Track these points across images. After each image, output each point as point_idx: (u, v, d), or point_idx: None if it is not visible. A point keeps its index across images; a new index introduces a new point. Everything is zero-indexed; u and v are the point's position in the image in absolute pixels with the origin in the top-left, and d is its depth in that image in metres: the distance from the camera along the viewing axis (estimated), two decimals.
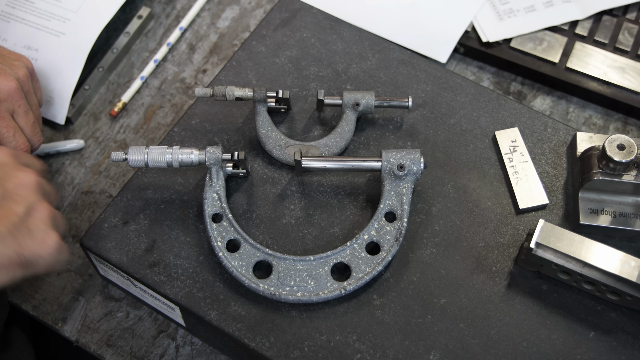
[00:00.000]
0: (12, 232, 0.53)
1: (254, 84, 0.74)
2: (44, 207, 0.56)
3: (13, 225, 0.53)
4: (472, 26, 0.87)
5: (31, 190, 0.56)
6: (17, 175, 0.56)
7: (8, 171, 0.56)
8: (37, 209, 0.55)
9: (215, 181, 0.65)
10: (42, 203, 0.56)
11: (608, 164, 0.62)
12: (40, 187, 0.57)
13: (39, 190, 0.57)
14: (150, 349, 0.71)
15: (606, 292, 0.61)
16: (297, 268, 0.62)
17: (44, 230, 0.55)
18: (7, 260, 0.52)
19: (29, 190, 0.55)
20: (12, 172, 0.56)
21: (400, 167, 0.63)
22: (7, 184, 0.55)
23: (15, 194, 0.54)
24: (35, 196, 0.56)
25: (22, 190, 0.55)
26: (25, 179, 0.56)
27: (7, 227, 0.52)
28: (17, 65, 0.72)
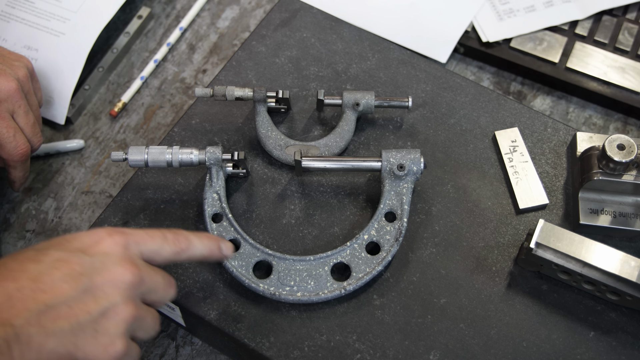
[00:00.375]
0: (75, 330, 0.47)
1: (254, 84, 0.74)
2: (125, 310, 0.49)
3: (79, 323, 0.48)
4: (472, 26, 0.87)
5: (120, 289, 0.49)
6: (114, 270, 0.50)
7: (107, 264, 0.50)
8: (116, 311, 0.49)
9: (215, 181, 0.65)
10: (126, 305, 0.49)
11: (608, 164, 0.62)
12: (137, 286, 0.50)
13: (132, 290, 0.50)
14: (150, 349, 0.71)
15: (606, 292, 0.61)
16: (297, 268, 0.62)
17: (112, 337, 0.49)
18: (57, 357, 0.47)
19: (117, 289, 0.49)
20: (111, 265, 0.50)
21: (400, 167, 0.63)
22: (97, 277, 0.49)
23: (100, 290, 0.49)
24: (120, 297, 0.49)
25: (109, 287, 0.49)
26: (120, 276, 0.50)
27: (71, 324, 0.47)
28: (17, 65, 0.72)
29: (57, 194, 0.79)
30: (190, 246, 0.55)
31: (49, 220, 0.78)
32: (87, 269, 0.49)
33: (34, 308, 0.46)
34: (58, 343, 0.47)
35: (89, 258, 0.50)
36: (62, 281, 0.48)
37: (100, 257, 0.50)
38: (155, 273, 0.53)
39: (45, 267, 0.48)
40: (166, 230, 0.55)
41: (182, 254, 0.55)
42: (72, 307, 0.48)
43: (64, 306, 0.47)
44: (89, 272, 0.49)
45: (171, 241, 0.54)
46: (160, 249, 0.54)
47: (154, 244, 0.53)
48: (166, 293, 0.54)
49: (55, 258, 0.49)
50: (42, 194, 0.79)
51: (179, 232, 0.55)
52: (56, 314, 0.47)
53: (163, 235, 0.54)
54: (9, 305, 0.46)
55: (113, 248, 0.51)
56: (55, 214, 0.78)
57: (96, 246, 0.51)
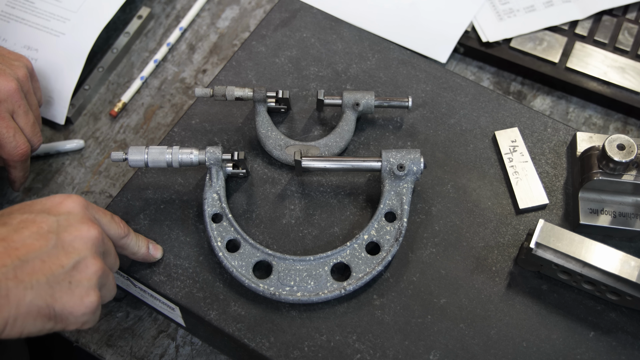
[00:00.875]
0: (51, 283, 0.50)
1: (254, 84, 0.74)
2: (94, 263, 0.53)
3: (54, 276, 0.50)
4: (472, 26, 0.87)
5: (88, 244, 0.53)
6: (79, 227, 0.53)
7: (71, 222, 0.53)
8: (86, 264, 0.52)
9: (215, 181, 0.65)
10: (95, 259, 0.53)
11: (608, 164, 0.62)
12: (100, 243, 0.54)
13: (97, 246, 0.54)
14: (150, 349, 0.71)
15: (606, 292, 0.61)
16: (297, 268, 0.62)
17: (86, 288, 0.52)
18: (36, 310, 0.49)
19: (85, 244, 0.53)
20: (76, 223, 0.53)
21: (400, 167, 0.63)
22: (65, 234, 0.52)
23: (69, 246, 0.52)
24: (89, 251, 0.53)
25: (78, 242, 0.52)
26: (86, 232, 0.53)
27: (46, 276, 0.50)
28: (17, 65, 0.72)
29: (57, 193, 0.79)
30: (127, 236, 0.60)
31: None
32: (53, 227, 0.52)
33: (10, 263, 0.49)
34: (36, 295, 0.49)
35: (54, 217, 0.53)
36: (32, 239, 0.51)
37: (64, 215, 0.53)
38: (107, 238, 0.57)
39: (13, 228, 0.51)
40: (112, 214, 0.59)
41: (122, 239, 0.59)
42: (46, 261, 0.51)
43: (38, 260, 0.50)
44: (55, 229, 0.52)
45: (117, 222, 0.59)
46: (108, 225, 0.58)
47: (105, 218, 0.58)
48: (116, 260, 0.59)
49: (21, 220, 0.52)
50: (42, 194, 0.79)
51: (122, 221, 0.60)
52: (31, 268, 0.50)
53: (111, 215, 0.59)
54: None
55: (75, 208, 0.54)
56: None
57: (59, 206, 0.54)
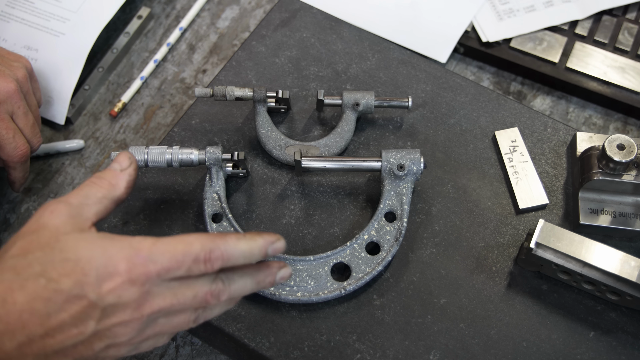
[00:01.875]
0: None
1: (254, 84, 0.74)
2: (127, 344, 0.49)
3: (82, 358, 0.48)
4: (472, 26, 0.87)
5: (127, 330, 0.48)
6: (124, 315, 0.48)
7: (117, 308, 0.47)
8: (119, 348, 0.49)
9: (215, 181, 0.65)
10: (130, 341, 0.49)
11: (608, 163, 0.62)
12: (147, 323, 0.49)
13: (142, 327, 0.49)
14: None
15: (606, 292, 0.61)
16: (297, 268, 0.62)
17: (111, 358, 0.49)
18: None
19: (124, 330, 0.48)
20: (121, 310, 0.48)
21: (400, 167, 0.63)
22: (107, 321, 0.48)
23: (108, 331, 0.48)
24: (127, 337, 0.49)
25: (117, 329, 0.48)
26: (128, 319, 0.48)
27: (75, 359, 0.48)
28: (16, 66, 0.72)
29: (57, 194, 0.79)
30: (227, 265, 0.50)
31: None
32: (97, 314, 0.47)
33: (42, 353, 0.46)
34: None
35: (101, 303, 0.47)
36: (71, 325, 0.47)
37: (113, 301, 0.47)
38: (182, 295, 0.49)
39: (55, 310, 0.46)
40: (200, 248, 0.48)
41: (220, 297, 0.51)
42: (77, 347, 0.47)
43: (70, 348, 0.47)
44: (98, 316, 0.47)
45: (202, 264, 0.49)
46: (188, 273, 0.49)
47: (180, 271, 0.48)
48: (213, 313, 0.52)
49: (67, 298, 0.46)
50: (42, 194, 0.79)
51: (214, 250, 0.49)
52: (62, 355, 0.47)
53: (194, 259, 0.48)
54: (18, 353, 0.46)
55: (130, 296, 0.47)
56: None
57: (111, 286, 0.47)
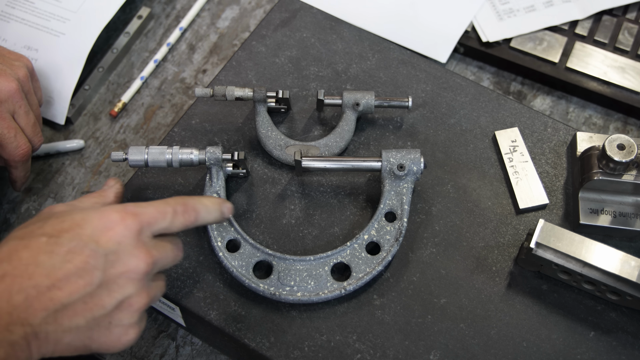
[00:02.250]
0: (90, 325, 0.49)
1: (254, 84, 0.74)
2: (139, 299, 0.50)
3: (94, 318, 0.49)
4: (472, 26, 0.87)
5: (134, 280, 0.50)
6: (128, 261, 0.49)
7: (120, 255, 0.49)
8: (130, 302, 0.50)
9: (215, 181, 0.65)
10: (140, 294, 0.50)
11: (608, 163, 0.62)
12: (149, 272, 0.51)
13: (145, 278, 0.51)
14: (150, 349, 0.71)
15: (606, 292, 0.61)
16: (297, 268, 0.62)
17: (125, 327, 0.50)
18: (73, 349, 0.49)
19: (131, 281, 0.50)
20: (125, 256, 0.49)
21: (400, 167, 0.63)
22: (112, 271, 0.49)
23: (114, 283, 0.49)
24: (135, 287, 0.50)
25: (124, 279, 0.49)
26: (134, 266, 0.50)
27: (87, 319, 0.48)
28: (17, 65, 0.72)
29: (57, 194, 0.79)
30: (198, 217, 0.56)
31: None
32: (100, 263, 0.49)
33: (51, 307, 0.47)
34: (74, 337, 0.48)
35: (102, 250, 0.49)
36: (76, 276, 0.48)
37: (113, 247, 0.49)
38: (164, 248, 0.53)
39: (59, 261, 0.48)
40: (175, 203, 0.54)
41: (190, 225, 0.55)
42: (87, 302, 0.48)
43: (80, 302, 0.48)
44: (102, 265, 0.49)
45: (180, 215, 0.54)
46: (170, 225, 0.54)
47: (165, 222, 0.53)
48: (176, 260, 0.55)
49: (69, 249, 0.48)
50: (42, 194, 0.79)
51: (187, 204, 0.55)
52: (72, 311, 0.48)
53: (173, 210, 0.54)
54: (26, 305, 0.47)
55: (126, 236, 0.50)
56: None
57: (108, 234, 0.50)
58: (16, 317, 0.46)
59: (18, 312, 0.46)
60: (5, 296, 0.46)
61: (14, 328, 0.46)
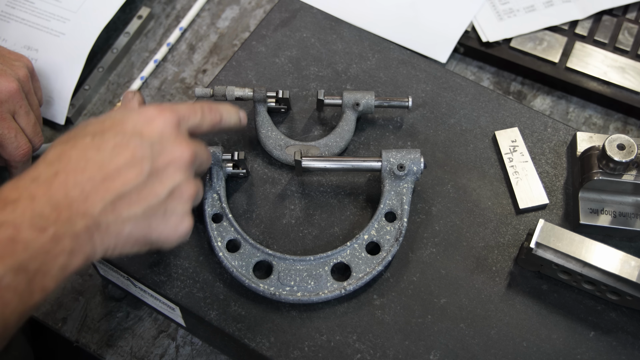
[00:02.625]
0: (147, 214, 0.50)
1: (254, 84, 0.74)
2: (188, 187, 0.52)
3: (150, 207, 0.50)
4: (472, 26, 0.87)
5: (181, 168, 0.52)
6: (172, 150, 0.52)
7: (164, 145, 0.51)
8: (180, 191, 0.52)
9: (215, 181, 0.65)
10: (188, 183, 0.53)
11: (608, 163, 0.62)
12: (193, 163, 0.53)
13: (190, 167, 0.53)
14: (150, 349, 0.71)
15: (606, 292, 0.61)
16: (297, 268, 0.62)
17: (180, 215, 0.52)
18: (134, 239, 0.50)
19: (179, 169, 0.52)
20: (169, 146, 0.52)
21: (400, 167, 0.64)
22: (159, 160, 0.51)
23: (163, 173, 0.51)
24: (183, 175, 0.52)
25: (172, 169, 0.51)
26: (179, 155, 0.52)
27: (143, 208, 0.50)
28: (18, 65, 0.72)
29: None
30: (222, 117, 0.59)
31: None
32: (147, 153, 0.50)
33: (108, 197, 0.48)
34: (134, 227, 0.50)
35: (147, 141, 0.51)
36: (127, 167, 0.49)
37: (157, 138, 0.51)
38: (201, 145, 0.56)
39: (108, 155, 0.49)
40: (202, 104, 0.57)
41: (216, 126, 0.58)
42: (142, 191, 0.50)
43: (134, 192, 0.49)
44: (149, 155, 0.50)
45: (207, 115, 0.57)
46: (201, 123, 0.56)
47: (196, 118, 0.56)
48: (208, 162, 0.58)
49: (115, 144, 0.50)
50: None
51: (211, 106, 0.58)
52: (129, 200, 0.49)
53: (202, 109, 0.57)
54: (84, 197, 0.47)
55: (166, 127, 0.52)
56: None
57: (150, 127, 0.52)
58: (75, 209, 0.47)
59: (77, 204, 0.47)
60: (62, 191, 0.47)
61: (76, 220, 0.47)
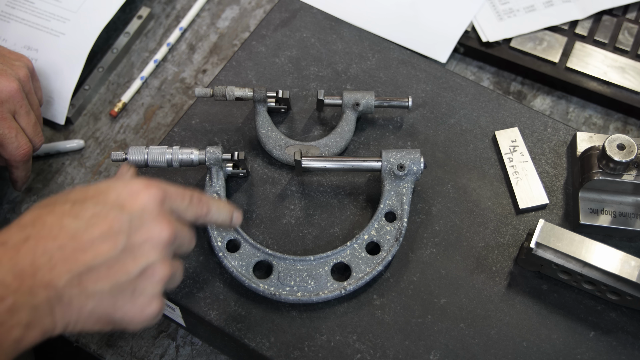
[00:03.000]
0: (114, 291, 0.48)
1: (254, 84, 0.74)
2: (162, 268, 0.50)
3: (118, 284, 0.48)
4: (472, 26, 0.87)
5: (158, 247, 0.49)
6: (151, 227, 0.49)
7: (144, 220, 0.49)
8: (153, 270, 0.49)
9: (215, 181, 0.65)
10: (163, 264, 0.50)
11: (608, 163, 0.62)
12: (171, 243, 0.51)
13: (168, 247, 0.50)
14: (150, 349, 0.71)
15: (606, 292, 0.61)
16: (297, 268, 0.62)
17: (149, 296, 0.49)
18: (96, 317, 0.48)
19: (155, 247, 0.49)
20: (148, 222, 0.49)
21: (400, 167, 0.64)
22: (136, 236, 0.48)
23: (138, 250, 0.48)
24: (159, 255, 0.49)
25: (148, 246, 0.49)
26: (158, 233, 0.49)
27: (111, 285, 0.47)
28: (18, 65, 0.72)
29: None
30: (209, 212, 0.56)
31: None
32: (124, 227, 0.48)
33: (76, 269, 0.46)
34: (98, 303, 0.47)
35: (126, 215, 0.49)
36: (101, 240, 0.47)
37: (137, 213, 0.49)
38: (183, 228, 0.53)
39: (84, 224, 0.47)
40: (192, 192, 0.55)
41: (200, 219, 0.55)
42: (112, 267, 0.47)
43: (104, 266, 0.47)
44: (127, 230, 0.48)
45: (195, 205, 0.54)
46: (186, 210, 0.54)
47: (183, 203, 0.53)
48: (190, 246, 0.55)
49: (93, 213, 0.48)
50: (42, 194, 0.79)
51: (202, 197, 0.55)
52: (97, 275, 0.47)
53: (191, 196, 0.54)
54: (50, 266, 0.46)
55: (149, 203, 0.50)
56: None
57: (133, 200, 0.50)
58: (40, 279, 0.45)
59: (42, 273, 0.45)
60: (29, 258, 0.45)
61: (38, 291, 0.45)
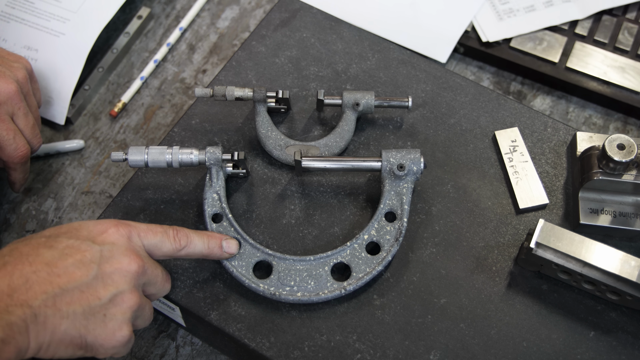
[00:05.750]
0: (86, 314, 0.51)
1: (254, 84, 0.74)
2: (131, 298, 0.53)
3: (90, 307, 0.51)
4: (472, 26, 0.87)
5: (127, 277, 0.53)
6: (120, 259, 0.54)
7: (114, 253, 0.54)
8: (123, 298, 0.53)
9: (215, 181, 0.65)
10: (132, 293, 0.54)
11: (608, 163, 0.62)
12: (140, 275, 0.55)
13: (136, 279, 0.54)
14: (150, 349, 0.71)
15: (606, 291, 0.61)
16: (297, 268, 0.62)
17: (119, 322, 0.53)
18: (69, 339, 0.51)
19: (124, 277, 0.53)
20: (118, 255, 0.54)
21: (400, 167, 0.63)
22: (106, 266, 0.53)
23: (109, 278, 0.52)
24: (127, 285, 0.53)
25: (118, 276, 0.53)
26: (127, 265, 0.54)
27: (83, 308, 0.51)
28: (16, 67, 0.72)
29: (57, 194, 0.79)
30: (190, 244, 0.59)
31: (49, 221, 0.78)
32: (96, 257, 0.53)
33: (50, 291, 0.50)
34: (71, 325, 0.50)
35: (97, 247, 0.53)
36: (74, 267, 0.51)
37: (108, 246, 0.54)
38: (155, 266, 0.58)
39: (58, 253, 0.52)
40: (168, 227, 0.59)
41: (182, 250, 0.59)
42: (84, 291, 0.51)
43: (77, 291, 0.51)
44: (98, 260, 0.53)
45: (172, 237, 0.58)
46: (160, 244, 0.58)
47: (155, 238, 0.58)
48: (163, 287, 0.59)
49: (67, 245, 0.53)
50: (42, 194, 0.79)
51: (180, 230, 0.59)
52: (70, 298, 0.51)
53: (164, 231, 0.58)
54: (26, 288, 0.49)
55: (119, 239, 0.55)
56: (55, 214, 0.78)
57: (103, 236, 0.55)
58: (16, 298, 0.48)
59: (18, 294, 0.49)
60: (6, 280, 0.49)
61: (14, 309, 0.48)
